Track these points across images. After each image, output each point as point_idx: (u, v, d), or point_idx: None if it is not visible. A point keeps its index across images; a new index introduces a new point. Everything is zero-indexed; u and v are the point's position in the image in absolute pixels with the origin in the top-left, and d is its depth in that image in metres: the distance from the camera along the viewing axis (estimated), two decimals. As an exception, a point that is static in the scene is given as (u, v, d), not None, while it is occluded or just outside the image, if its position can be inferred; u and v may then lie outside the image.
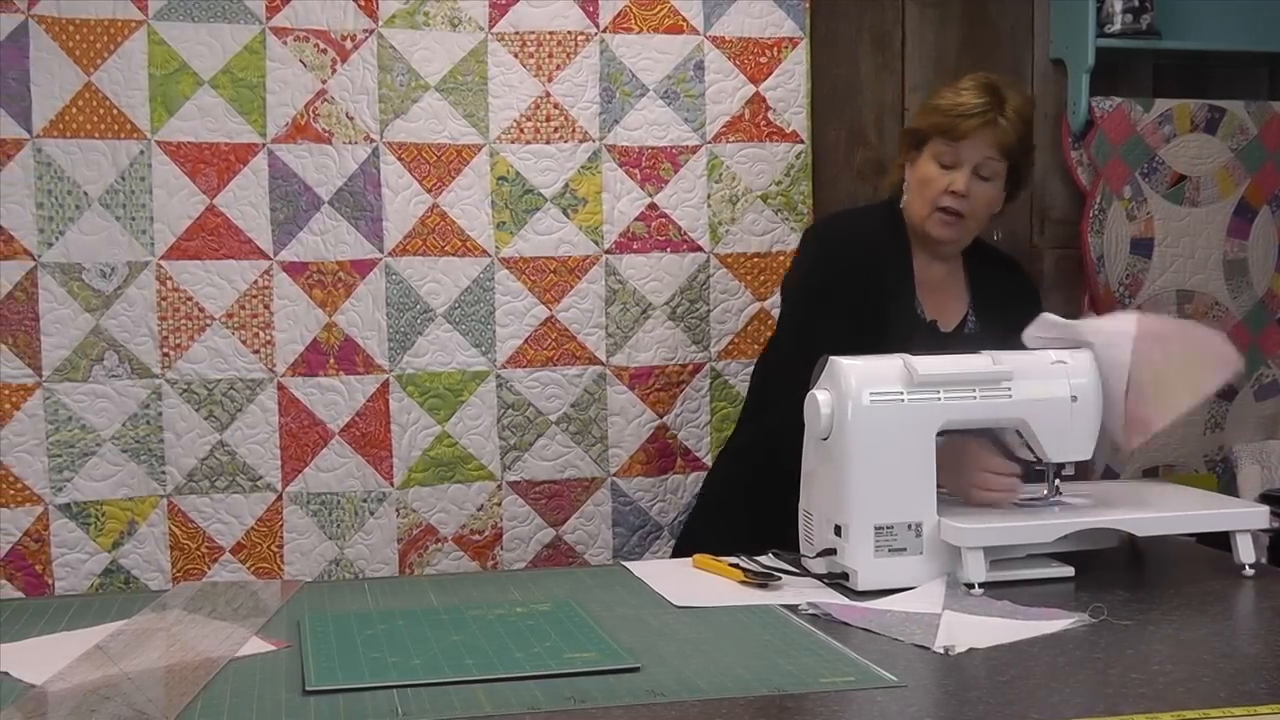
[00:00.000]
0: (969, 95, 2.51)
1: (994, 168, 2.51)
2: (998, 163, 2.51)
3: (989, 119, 2.48)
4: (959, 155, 2.50)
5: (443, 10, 3.00)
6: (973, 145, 2.49)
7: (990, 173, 2.51)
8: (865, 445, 2.04)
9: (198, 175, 2.91)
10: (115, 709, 1.56)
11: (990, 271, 2.63)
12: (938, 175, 2.51)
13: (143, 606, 1.99)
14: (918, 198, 2.56)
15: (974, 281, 2.61)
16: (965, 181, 2.49)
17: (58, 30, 2.84)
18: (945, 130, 2.51)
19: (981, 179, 2.51)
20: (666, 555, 3.03)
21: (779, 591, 2.02)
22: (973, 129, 2.48)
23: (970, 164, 2.50)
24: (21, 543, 2.86)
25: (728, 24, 3.12)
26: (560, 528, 3.03)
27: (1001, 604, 1.91)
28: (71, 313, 2.87)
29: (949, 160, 2.51)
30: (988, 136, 2.49)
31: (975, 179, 2.50)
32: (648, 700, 1.56)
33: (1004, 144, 2.50)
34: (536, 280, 3.03)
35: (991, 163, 2.50)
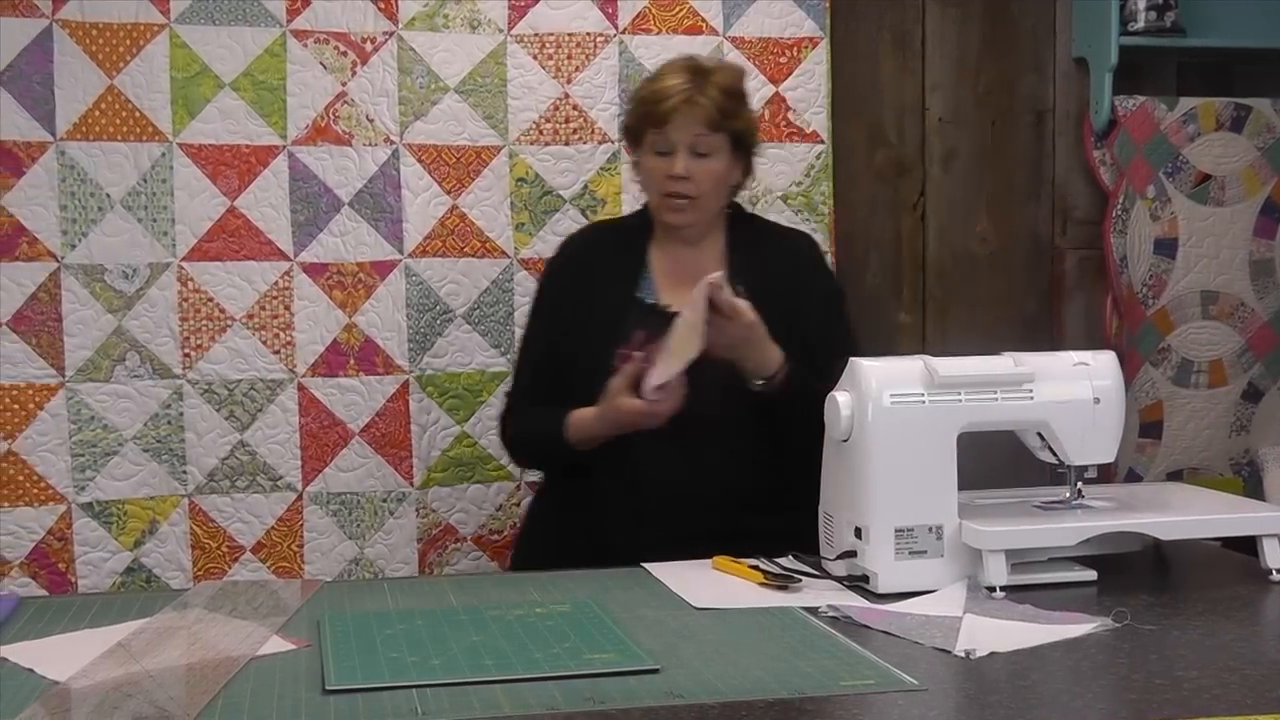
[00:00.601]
0: (665, 80, 2.52)
1: (709, 143, 2.49)
2: (710, 138, 2.49)
3: (687, 97, 2.47)
4: (670, 139, 2.49)
5: (462, 12, 3.00)
6: (679, 126, 2.48)
7: (707, 148, 2.49)
8: (885, 447, 2.03)
9: (219, 177, 2.91)
10: (137, 706, 1.56)
11: (752, 245, 2.60)
12: (658, 164, 2.51)
13: (164, 605, 1.99)
14: (647, 190, 2.59)
15: (733, 259, 2.57)
16: (683, 163, 2.48)
17: (81, 34, 2.85)
18: (651, 119, 2.51)
19: (700, 156, 2.49)
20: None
21: (799, 594, 2.01)
22: (674, 111, 2.47)
23: (684, 145, 2.48)
24: (45, 541, 2.87)
25: (747, 24, 3.11)
26: (580, 528, 3.04)
27: (1023, 607, 1.90)
28: (94, 314, 2.88)
29: (663, 147, 2.50)
30: (691, 115, 2.47)
31: (694, 158, 2.49)
32: (667, 702, 1.55)
33: (709, 118, 2.48)
34: (557, 281, 3.03)
35: (704, 139, 2.49)
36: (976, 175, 3.35)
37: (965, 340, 3.25)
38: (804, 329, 2.49)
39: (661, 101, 2.48)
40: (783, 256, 2.60)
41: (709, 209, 2.54)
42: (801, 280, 2.56)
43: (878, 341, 3.21)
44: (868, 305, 3.27)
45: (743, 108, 2.56)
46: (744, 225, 2.64)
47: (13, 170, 2.84)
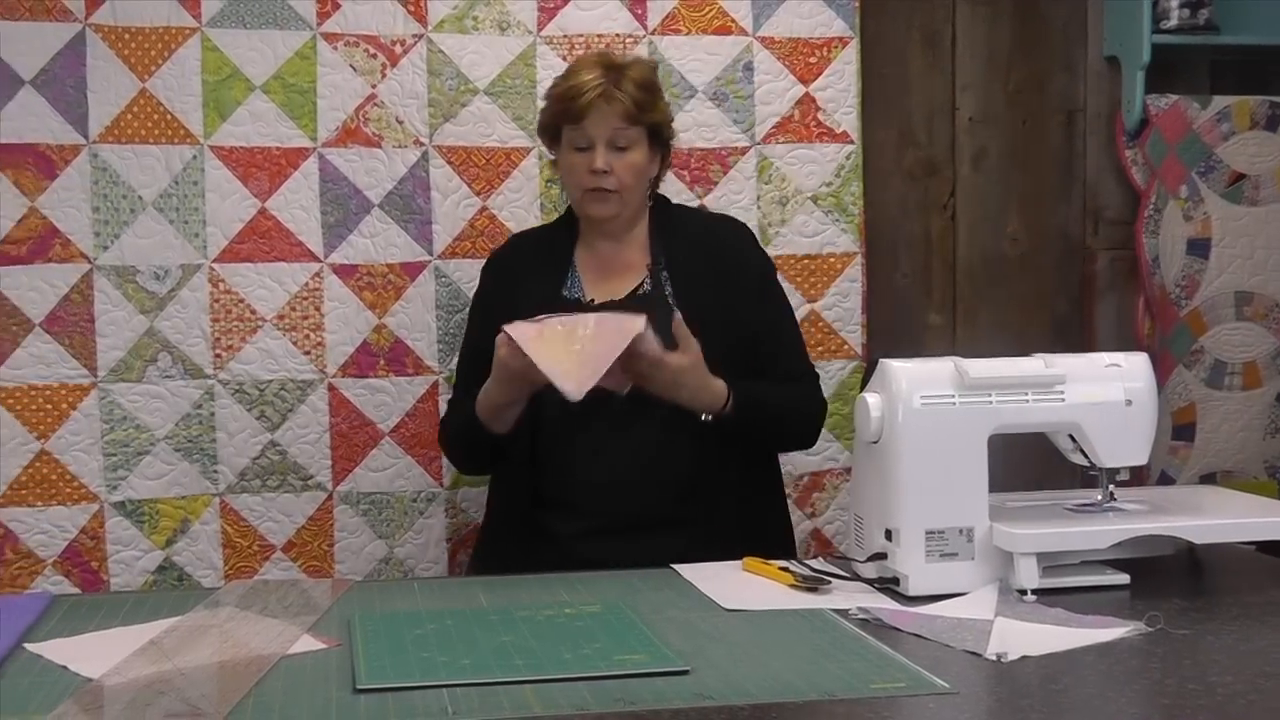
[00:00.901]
0: (580, 76, 2.52)
1: (627, 136, 2.51)
2: (628, 131, 2.51)
3: (602, 92, 2.48)
4: (588, 134, 2.50)
5: (491, 14, 3.00)
6: (596, 121, 2.49)
7: (626, 142, 2.51)
8: (916, 449, 2.03)
9: (249, 179, 2.93)
10: (169, 704, 1.57)
11: (677, 234, 2.61)
12: (577, 160, 2.52)
13: (196, 603, 2.00)
14: (568, 186, 2.60)
15: (658, 248, 2.59)
16: (602, 158, 2.49)
17: (114, 38, 2.86)
18: (567, 115, 2.52)
19: (619, 150, 2.51)
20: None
21: (829, 595, 2.01)
22: (590, 106, 2.49)
23: (601, 139, 2.50)
24: (78, 540, 2.89)
25: (777, 24, 3.11)
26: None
27: (1055, 611, 1.89)
28: (126, 314, 2.90)
29: (582, 142, 2.51)
30: (608, 109, 2.49)
31: (613, 152, 2.50)
32: (697, 703, 1.55)
33: (627, 112, 2.49)
34: (586, 282, 3.03)
35: (623, 132, 2.50)
36: (1007, 175, 3.34)
37: (996, 341, 3.24)
38: (745, 315, 2.53)
39: (577, 97, 2.49)
40: (709, 241, 2.60)
41: (630, 202, 2.55)
42: (731, 262, 2.58)
43: (907, 342, 3.21)
44: (897, 306, 3.27)
45: (658, 100, 2.58)
46: (667, 215, 2.65)
47: (46, 173, 2.85)
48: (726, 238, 2.63)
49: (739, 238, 2.66)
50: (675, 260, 2.56)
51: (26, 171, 2.85)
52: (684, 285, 2.53)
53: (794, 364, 2.63)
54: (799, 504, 3.14)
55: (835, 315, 3.15)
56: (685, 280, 2.53)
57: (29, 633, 1.86)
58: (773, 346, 2.58)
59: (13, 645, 1.79)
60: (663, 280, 2.55)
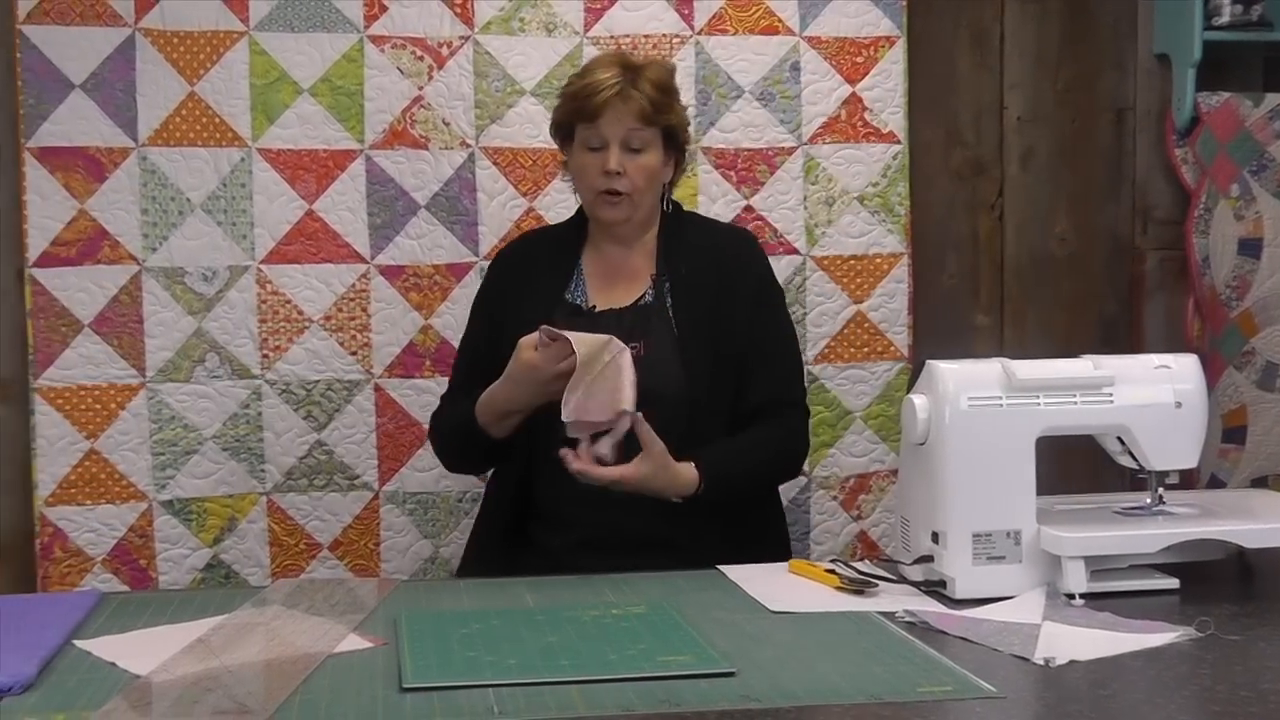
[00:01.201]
0: (596, 74, 2.45)
1: (643, 138, 2.44)
2: (643, 132, 2.44)
3: (619, 91, 2.42)
4: (602, 134, 2.43)
5: (538, 16, 3.01)
6: (612, 121, 2.43)
7: (641, 143, 2.44)
8: (963, 451, 2.01)
9: (297, 181, 2.94)
10: (216, 700, 1.58)
11: (686, 244, 2.54)
12: (590, 160, 2.46)
13: (243, 601, 2.01)
14: (580, 187, 2.53)
15: (666, 258, 2.52)
16: (616, 158, 2.42)
17: (163, 43, 2.89)
18: (581, 113, 2.45)
19: (633, 151, 2.44)
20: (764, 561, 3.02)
21: (875, 598, 2.00)
22: (606, 104, 2.42)
23: (616, 140, 2.43)
24: (126, 538, 2.92)
25: (824, 24, 3.10)
26: (654, 530, 3.03)
27: (1103, 615, 1.88)
28: (174, 315, 2.92)
29: (595, 142, 2.44)
30: (624, 109, 2.42)
31: (627, 153, 2.44)
32: (742, 705, 1.55)
33: (643, 112, 2.42)
34: (631, 283, 3.03)
35: (638, 133, 2.44)
36: (1055, 175, 3.31)
37: (1043, 342, 3.24)
38: (739, 330, 2.47)
39: (593, 95, 2.43)
40: (717, 253, 2.53)
41: (642, 205, 2.49)
42: (733, 278, 2.50)
43: (954, 343, 3.19)
44: (944, 307, 3.25)
45: (674, 103, 2.51)
46: (678, 223, 2.58)
47: (95, 175, 2.88)
48: (733, 252, 2.55)
49: (747, 253, 2.58)
50: (679, 273, 2.50)
51: (76, 174, 2.87)
52: (685, 299, 2.47)
53: (781, 390, 2.53)
54: (845, 506, 3.13)
55: (881, 316, 3.13)
56: (686, 294, 2.48)
57: (78, 629, 1.88)
58: (762, 367, 2.50)
59: (62, 642, 1.81)
60: (665, 292, 2.48)
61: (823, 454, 3.12)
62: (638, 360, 2.32)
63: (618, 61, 2.48)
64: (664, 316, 2.46)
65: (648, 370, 2.33)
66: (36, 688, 1.64)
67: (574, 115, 2.47)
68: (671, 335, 2.45)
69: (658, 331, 2.45)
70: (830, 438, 3.12)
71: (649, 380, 2.32)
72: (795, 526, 3.11)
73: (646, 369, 2.33)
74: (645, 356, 2.39)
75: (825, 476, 3.13)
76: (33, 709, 1.56)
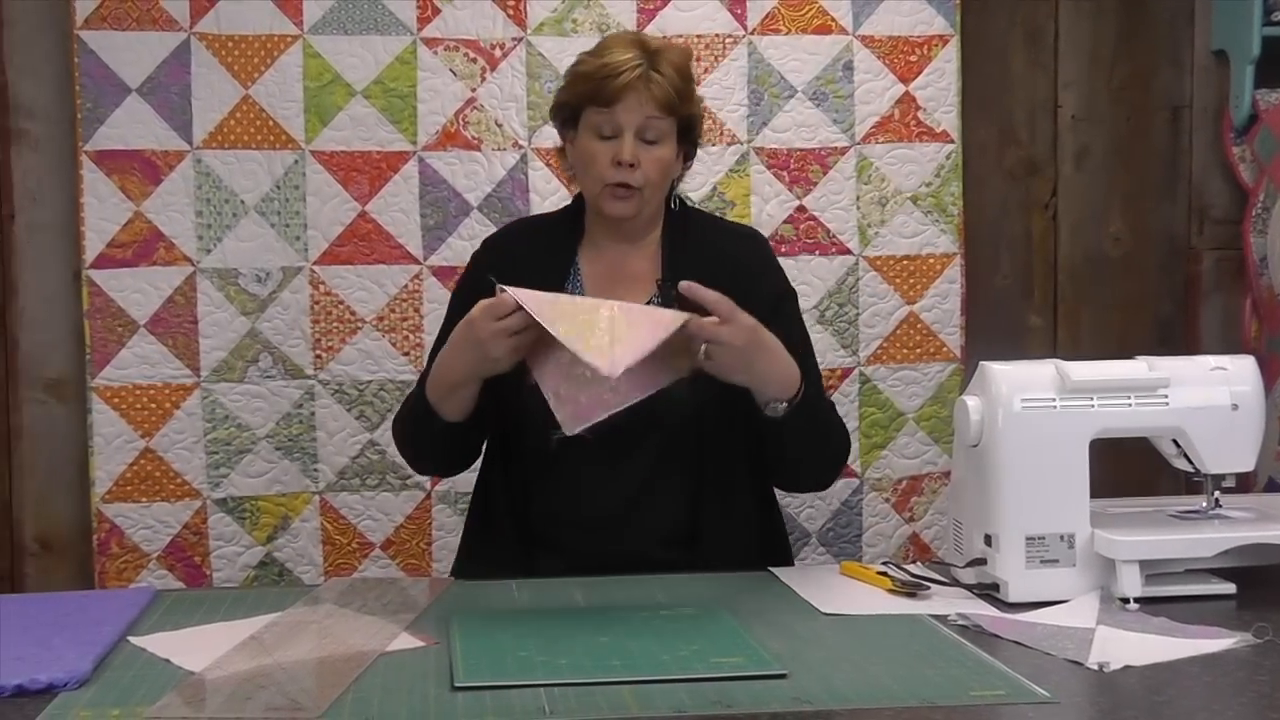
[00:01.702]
0: (614, 54, 2.22)
1: (659, 128, 2.22)
2: (662, 121, 2.22)
3: (641, 75, 2.19)
4: (617, 121, 2.21)
5: (590, 16, 3.01)
6: (631, 106, 2.20)
7: (657, 134, 2.22)
8: (1016, 453, 2.00)
9: (350, 183, 2.96)
10: (269, 697, 1.59)
11: (693, 244, 2.33)
12: (600, 149, 2.23)
13: (296, 599, 2.02)
14: (585, 177, 2.29)
15: (672, 259, 2.32)
16: (631, 149, 2.20)
17: (217, 46, 2.91)
18: (597, 96, 2.21)
19: (648, 143, 2.22)
20: (815, 561, 3.02)
21: (927, 601, 1.99)
22: (625, 89, 2.19)
23: (632, 128, 2.21)
24: (181, 535, 2.95)
25: (877, 23, 3.09)
26: (706, 531, 3.03)
27: (1158, 620, 1.86)
28: (228, 316, 2.94)
29: (608, 129, 2.22)
30: (644, 94, 2.20)
31: (641, 144, 2.22)
32: (794, 708, 1.54)
33: (664, 99, 2.20)
34: (684, 283, 3.02)
35: (655, 123, 2.21)
36: (1110, 174, 3.29)
37: (1098, 344, 3.22)
38: None
39: (612, 77, 2.20)
40: (727, 256, 2.32)
41: (652, 201, 2.28)
42: (748, 282, 2.25)
43: (1007, 344, 3.18)
44: (998, 307, 3.23)
45: (694, 91, 2.32)
46: (683, 221, 2.37)
47: (151, 178, 2.91)
48: (744, 257, 2.35)
49: (759, 258, 2.39)
50: (688, 273, 2.20)
51: (132, 177, 2.90)
52: (695, 308, 2.14)
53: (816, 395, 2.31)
54: (897, 508, 3.12)
55: (934, 317, 3.12)
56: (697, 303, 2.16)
57: (133, 626, 1.89)
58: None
59: (117, 638, 1.83)
60: (672, 300, 2.22)
61: (875, 456, 3.11)
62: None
63: (636, 42, 2.27)
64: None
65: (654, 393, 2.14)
66: (92, 683, 1.65)
67: (587, 98, 2.24)
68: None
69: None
70: (882, 439, 3.11)
71: (655, 406, 2.13)
72: (848, 529, 3.11)
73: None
74: None
75: (877, 478, 3.12)
76: (88, 704, 1.58)
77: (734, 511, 2.30)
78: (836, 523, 3.10)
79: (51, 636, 1.81)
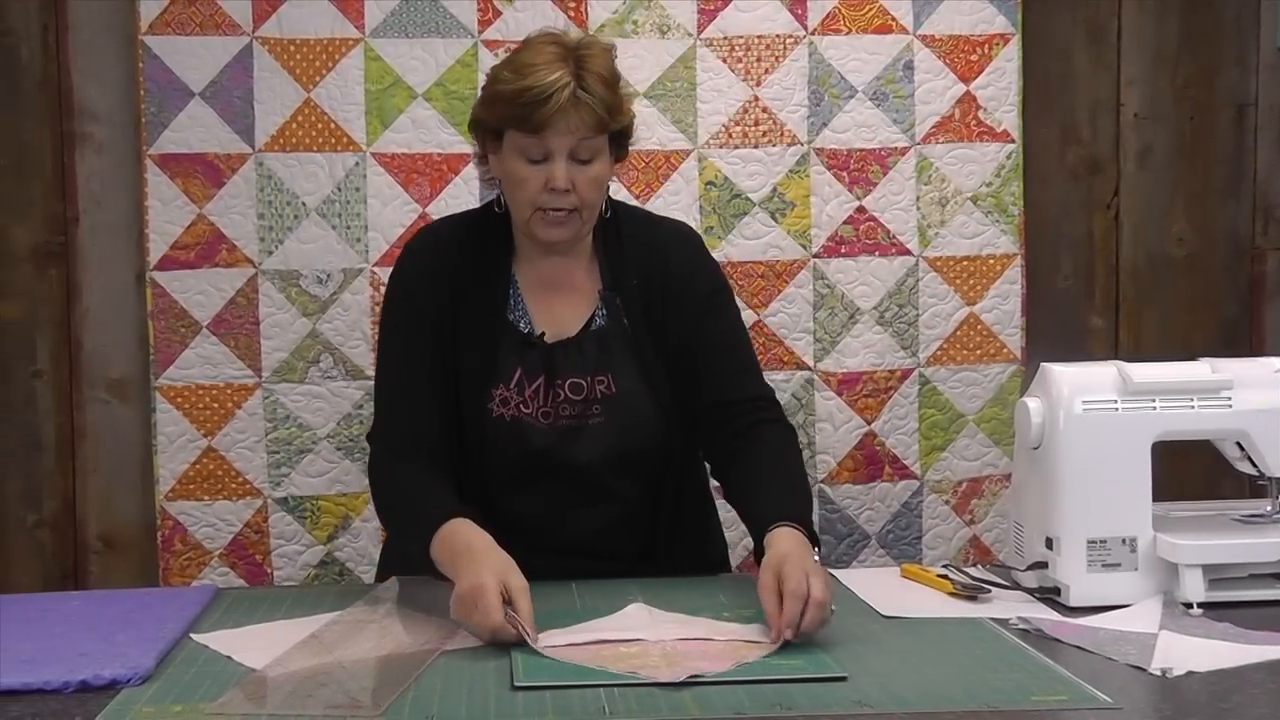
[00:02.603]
0: (538, 73, 2.03)
1: (592, 146, 2.08)
2: (594, 140, 2.07)
3: (569, 97, 2.03)
4: (546, 147, 2.06)
5: (651, 18, 3.01)
6: (559, 132, 2.04)
7: (589, 153, 2.08)
8: (1077, 456, 1.98)
9: (411, 185, 2.98)
10: (330, 695, 1.61)
11: (626, 243, 2.22)
12: (529, 172, 2.07)
13: (356, 598, 2.04)
14: (514, 200, 2.13)
15: (608, 263, 2.21)
16: (564, 174, 2.06)
17: (279, 50, 2.94)
18: (521, 123, 2.05)
19: (581, 163, 2.07)
20: (875, 564, 3.00)
21: (988, 604, 1.98)
22: (553, 115, 2.03)
23: (563, 153, 2.06)
24: (242, 533, 2.97)
25: (938, 22, 3.07)
26: (765, 533, 3.02)
27: (1222, 626, 1.84)
28: (289, 317, 2.97)
29: (536, 153, 2.06)
30: (574, 118, 2.04)
31: (574, 164, 2.07)
32: (855, 711, 1.54)
33: (595, 121, 2.06)
34: (745, 285, 3.02)
35: (587, 143, 2.07)
36: (1173, 173, 3.25)
37: (1160, 345, 3.19)
38: (689, 331, 2.19)
39: (538, 104, 2.02)
40: (660, 259, 2.21)
41: (590, 220, 2.15)
42: (684, 282, 2.20)
43: (1069, 346, 3.15)
44: (1059, 308, 3.21)
45: (623, 100, 2.14)
46: (616, 225, 2.24)
47: (213, 181, 2.94)
48: (677, 252, 2.24)
49: (692, 252, 2.27)
50: (626, 283, 2.19)
51: (195, 180, 2.93)
52: (639, 313, 2.18)
53: (757, 387, 2.24)
54: (957, 510, 3.10)
55: (994, 318, 3.10)
56: (639, 307, 2.18)
57: (195, 623, 1.91)
58: (731, 366, 2.22)
59: (180, 635, 1.85)
60: (617, 309, 2.18)
61: (935, 457, 3.09)
62: (606, 399, 2.13)
63: (559, 53, 2.08)
64: (626, 341, 2.17)
65: (619, 414, 2.14)
66: (154, 680, 1.67)
67: (511, 122, 2.08)
68: (638, 365, 2.17)
69: (622, 362, 2.16)
70: (942, 441, 3.09)
71: (624, 428, 2.13)
72: (908, 531, 3.09)
73: (618, 413, 2.14)
74: (613, 397, 2.15)
75: (938, 480, 3.10)
76: (150, 701, 1.60)
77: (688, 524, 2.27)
78: (896, 525, 3.09)
79: (115, 633, 1.83)
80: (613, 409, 2.15)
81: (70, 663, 1.69)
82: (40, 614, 1.94)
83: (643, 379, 2.17)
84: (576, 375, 2.15)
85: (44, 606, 2.00)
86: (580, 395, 2.15)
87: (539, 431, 2.14)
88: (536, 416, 2.15)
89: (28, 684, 1.63)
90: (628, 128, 2.17)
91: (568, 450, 2.14)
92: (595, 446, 2.15)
